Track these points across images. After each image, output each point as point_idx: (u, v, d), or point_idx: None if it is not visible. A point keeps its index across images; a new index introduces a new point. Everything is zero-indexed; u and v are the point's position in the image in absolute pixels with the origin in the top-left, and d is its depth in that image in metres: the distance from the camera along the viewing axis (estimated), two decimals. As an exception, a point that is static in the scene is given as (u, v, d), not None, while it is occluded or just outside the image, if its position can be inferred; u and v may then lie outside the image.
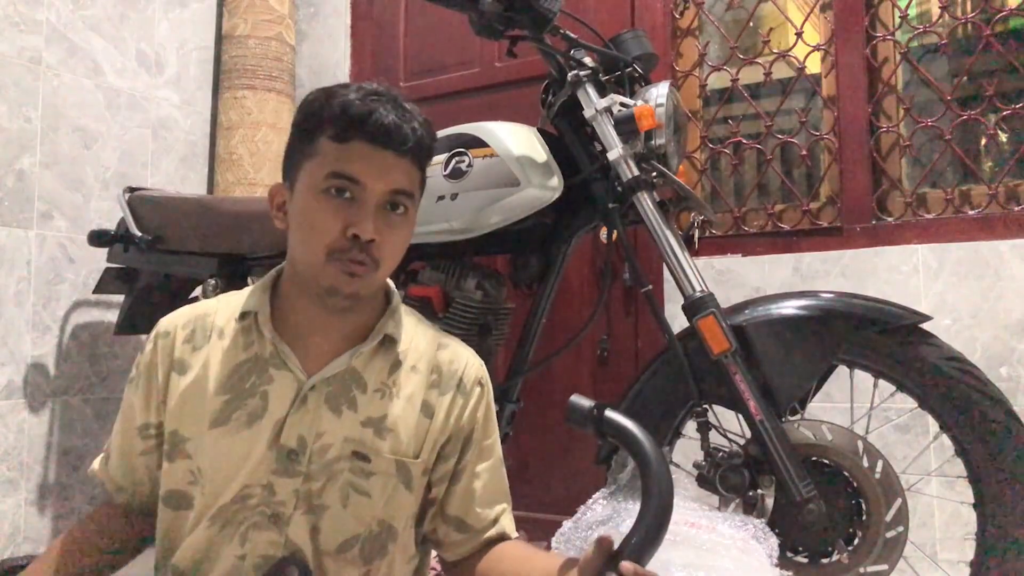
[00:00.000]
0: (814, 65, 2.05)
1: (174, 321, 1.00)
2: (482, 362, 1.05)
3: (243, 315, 0.96)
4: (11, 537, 2.02)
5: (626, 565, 0.78)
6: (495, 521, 1.02)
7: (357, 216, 0.88)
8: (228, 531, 0.90)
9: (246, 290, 1.02)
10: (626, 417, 0.91)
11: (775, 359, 1.28)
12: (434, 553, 1.09)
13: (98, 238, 1.91)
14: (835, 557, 1.25)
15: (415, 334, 1.01)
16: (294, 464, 0.91)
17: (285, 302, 0.97)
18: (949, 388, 1.22)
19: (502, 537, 1.02)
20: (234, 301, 1.00)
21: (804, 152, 2.02)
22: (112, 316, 2.25)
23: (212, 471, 0.92)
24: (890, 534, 1.23)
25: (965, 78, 1.88)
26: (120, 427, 1.01)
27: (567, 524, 1.27)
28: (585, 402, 0.93)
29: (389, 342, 0.97)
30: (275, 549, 0.90)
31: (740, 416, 1.28)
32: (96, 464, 1.04)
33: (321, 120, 0.90)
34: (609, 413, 0.90)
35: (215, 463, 0.92)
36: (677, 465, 1.40)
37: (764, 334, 1.29)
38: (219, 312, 1.00)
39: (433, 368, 0.99)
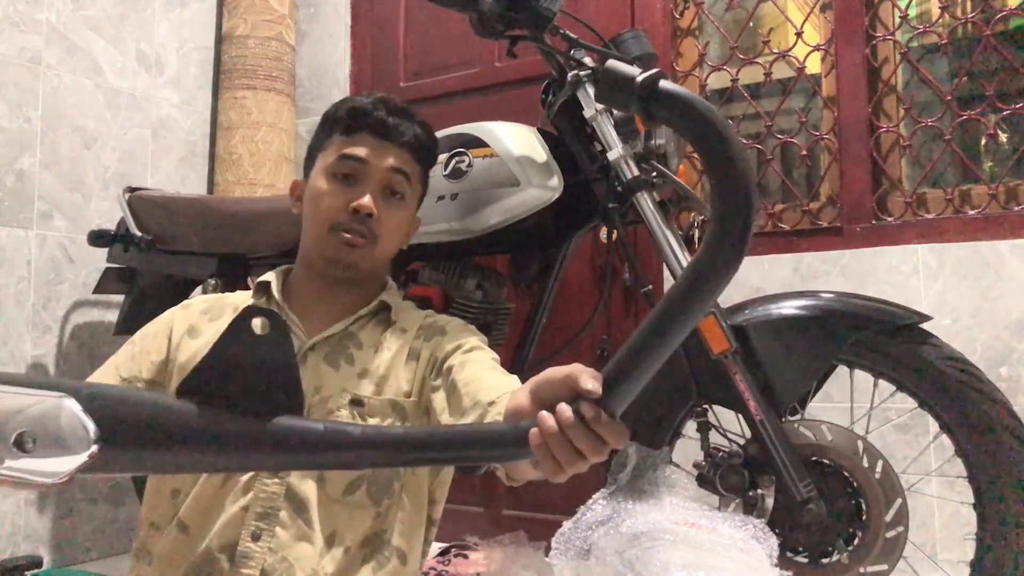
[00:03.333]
0: (814, 65, 2.04)
1: (196, 299, 1.12)
2: (468, 324, 1.12)
3: (260, 286, 1.08)
4: (11, 537, 2.02)
5: (586, 407, 0.63)
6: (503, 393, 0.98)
7: (358, 193, 1.02)
8: (230, 484, 0.94)
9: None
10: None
11: (775, 359, 1.28)
12: (432, 552, 1.10)
13: (98, 238, 1.91)
14: (835, 557, 1.25)
15: (410, 309, 1.13)
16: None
17: (295, 280, 1.09)
18: (949, 388, 1.22)
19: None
20: (251, 289, 1.13)
21: (804, 152, 2.02)
22: (112, 316, 2.25)
23: None
24: (890, 534, 1.23)
25: (965, 78, 1.88)
26: (103, 369, 1.03)
27: (567, 524, 1.28)
28: (628, 68, 0.60)
29: (384, 310, 1.08)
30: (276, 499, 0.93)
31: (740, 416, 1.28)
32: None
33: (335, 120, 1.07)
34: (665, 84, 0.59)
35: None
36: (677, 465, 1.40)
37: (764, 334, 1.29)
38: (237, 295, 1.13)
39: (421, 327, 1.09)
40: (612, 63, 0.61)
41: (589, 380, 0.64)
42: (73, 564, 2.13)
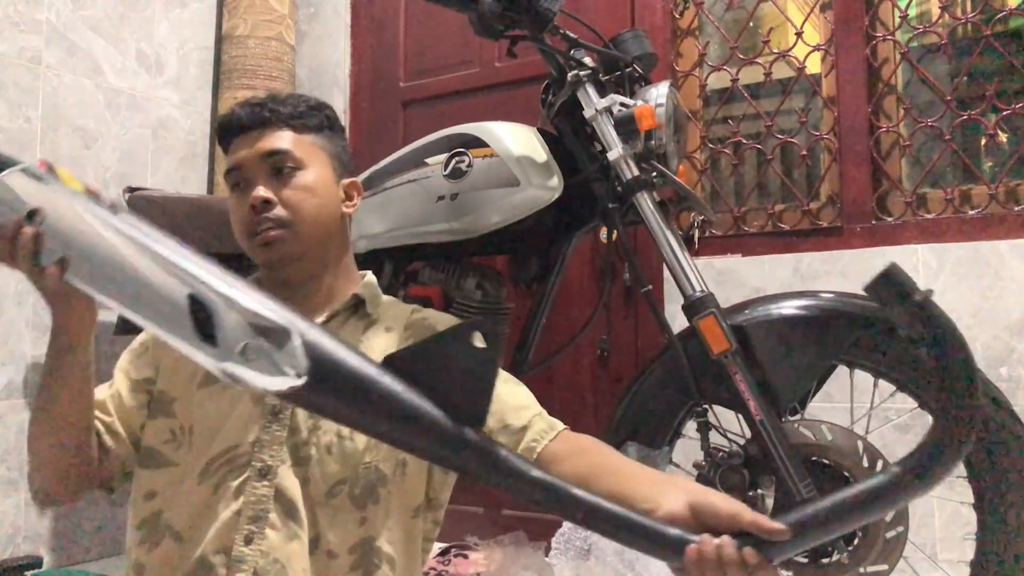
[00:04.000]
0: (814, 65, 2.04)
1: None
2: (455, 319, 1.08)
3: None
4: (11, 537, 2.02)
5: (749, 553, 0.70)
6: (533, 417, 0.97)
7: (249, 193, 0.99)
8: (222, 489, 0.92)
9: None
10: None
11: (775, 359, 1.28)
12: (432, 552, 1.09)
13: (98, 238, 1.91)
14: (835, 557, 1.25)
15: (392, 305, 1.08)
16: (279, 418, 0.95)
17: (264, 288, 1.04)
18: (949, 388, 1.22)
19: (551, 427, 0.96)
20: None
21: (804, 152, 2.02)
22: (112, 316, 2.24)
23: (199, 428, 0.95)
24: (890, 534, 1.23)
25: (965, 78, 1.88)
26: (112, 384, 1.03)
27: (567, 524, 1.28)
28: (909, 280, 0.67)
29: (360, 304, 1.03)
30: (267, 502, 0.92)
31: (740, 416, 1.28)
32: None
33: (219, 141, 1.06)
34: (933, 305, 0.67)
35: (202, 421, 0.95)
36: (677, 465, 1.40)
37: (764, 334, 1.29)
38: None
39: (407, 326, 1.04)
40: (896, 268, 0.68)
41: (770, 524, 0.71)
42: (73, 564, 2.13)
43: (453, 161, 1.44)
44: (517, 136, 1.42)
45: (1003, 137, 1.93)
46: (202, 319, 0.58)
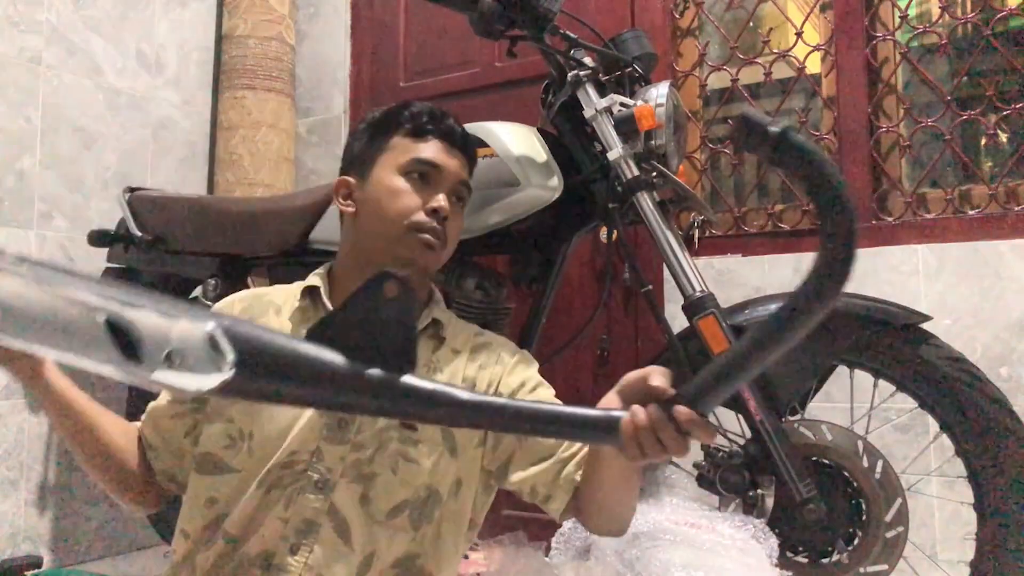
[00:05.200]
0: (814, 65, 2.04)
1: (230, 300, 1.08)
2: (516, 345, 1.11)
3: (305, 291, 1.04)
4: (11, 537, 2.02)
5: (681, 410, 0.72)
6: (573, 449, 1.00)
7: (435, 194, 1.03)
8: (275, 494, 0.93)
9: (298, 282, 1.08)
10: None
11: (775, 359, 1.28)
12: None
13: (98, 238, 1.91)
14: (835, 557, 1.25)
15: (457, 324, 1.11)
16: (344, 432, 0.94)
17: (341, 284, 1.05)
18: (949, 388, 1.22)
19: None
20: (290, 286, 1.08)
21: (804, 152, 2.01)
22: (112, 316, 2.24)
23: (260, 435, 0.94)
24: (890, 534, 1.23)
25: (965, 78, 1.88)
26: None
27: (567, 524, 1.28)
28: (763, 118, 0.72)
29: (435, 325, 1.05)
30: (318, 515, 0.92)
31: (740, 416, 1.28)
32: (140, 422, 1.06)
33: (398, 121, 1.06)
34: (792, 134, 0.71)
35: (263, 427, 0.94)
36: (677, 465, 1.40)
37: (764, 334, 1.29)
38: (275, 293, 1.08)
39: (473, 349, 1.07)
40: (749, 112, 0.71)
41: (659, 377, 0.74)
42: (73, 564, 2.13)
43: (453, 161, 1.44)
44: (517, 136, 1.42)
45: (1003, 137, 1.93)
46: (123, 340, 0.58)
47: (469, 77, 2.47)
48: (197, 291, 1.87)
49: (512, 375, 1.04)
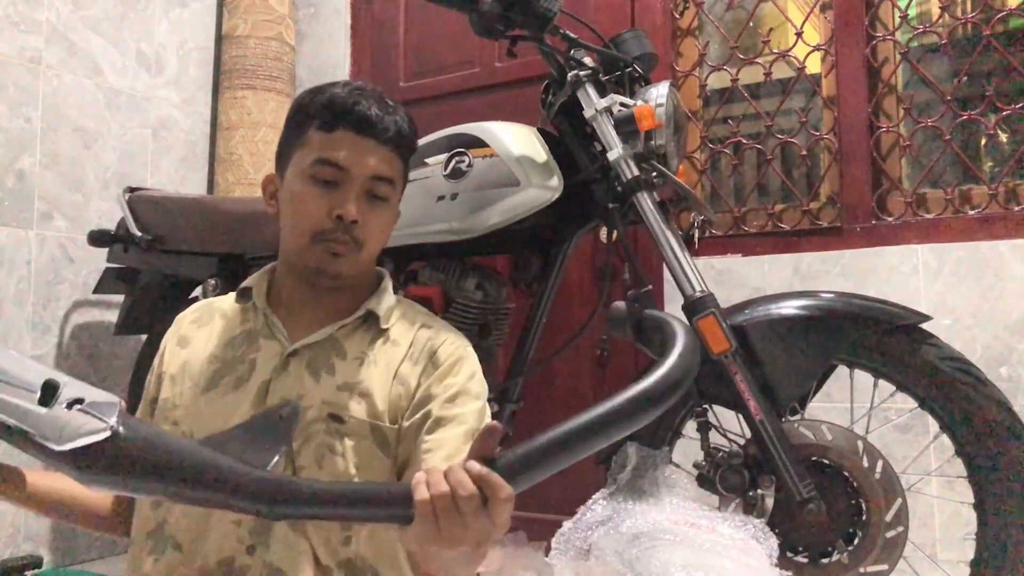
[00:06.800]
0: (814, 65, 2.04)
1: (189, 309, 1.10)
2: (467, 343, 1.03)
3: (241, 292, 1.04)
4: (11, 537, 2.02)
5: (472, 464, 0.67)
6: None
7: (340, 200, 0.95)
8: None
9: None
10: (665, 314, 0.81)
11: (775, 359, 1.28)
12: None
13: (98, 238, 1.91)
14: (835, 557, 1.25)
15: (404, 316, 1.04)
16: None
17: (279, 282, 1.04)
18: (949, 388, 1.22)
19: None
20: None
21: (804, 152, 2.02)
22: (112, 316, 2.25)
23: (199, 434, 0.94)
24: (890, 534, 1.23)
25: (965, 78, 1.88)
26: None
27: (567, 524, 1.28)
28: (623, 307, 0.86)
29: (372, 318, 1.01)
30: None
31: (740, 416, 1.28)
32: None
33: (310, 112, 0.98)
34: (649, 312, 0.83)
35: (201, 425, 0.95)
36: (677, 465, 1.40)
37: (764, 334, 1.29)
38: (226, 299, 1.09)
39: (412, 343, 1.00)
40: (614, 305, 0.83)
41: (486, 436, 0.69)
42: (73, 564, 2.13)
43: (453, 161, 1.44)
44: (517, 136, 1.42)
45: (1003, 137, 1.93)
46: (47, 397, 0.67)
47: (469, 77, 2.47)
48: (197, 291, 1.88)
49: (439, 383, 0.97)
